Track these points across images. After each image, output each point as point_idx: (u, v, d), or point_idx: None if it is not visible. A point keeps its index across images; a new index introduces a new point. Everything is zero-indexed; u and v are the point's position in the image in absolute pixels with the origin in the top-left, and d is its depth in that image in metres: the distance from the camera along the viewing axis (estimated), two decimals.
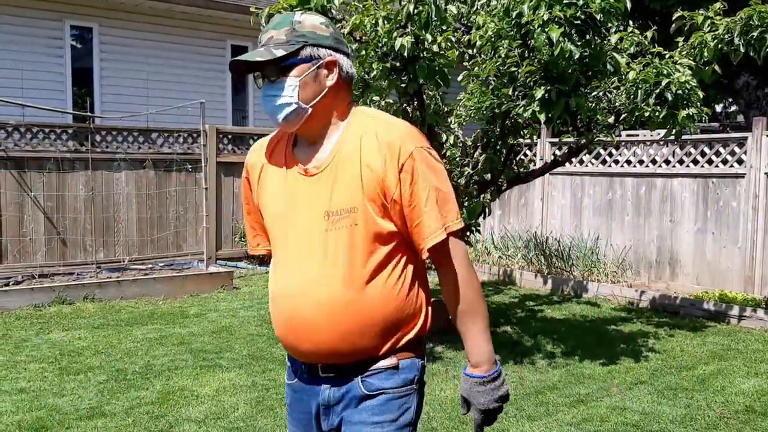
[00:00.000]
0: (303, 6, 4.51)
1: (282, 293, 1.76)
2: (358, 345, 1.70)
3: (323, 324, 1.69)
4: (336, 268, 1.67)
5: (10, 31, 9.12)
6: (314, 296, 1.69)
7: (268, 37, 1.71)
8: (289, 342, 1.77)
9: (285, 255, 1.77)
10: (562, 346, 5.69)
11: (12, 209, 7.58)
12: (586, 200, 8.60)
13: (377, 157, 1.68)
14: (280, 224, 1.78)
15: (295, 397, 1.86)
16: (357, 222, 1.67)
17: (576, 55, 4.24)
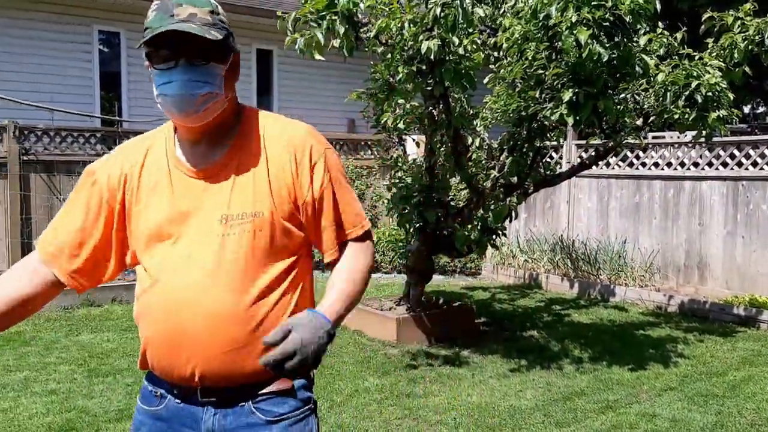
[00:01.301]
0: (329, 10, 4.52)
1: (163, 308, 1.55)
2: (250, 363, 1.53)
3: (214, 340, 1.51)
4: (231, 278, 1.52)
5: (40, 37, 9.26)
6: (205, 308, 1.51)
7: (190, 13, 1.49)
8: (169, 362, 1.56)
9: (165, 267, 1.56)
10: (590, 351, 5.63)
11: (41, 212, 7.69)
12: (612, 203, 8.51)
13: (286, 159, 1.57)
14: (160, 232, 1.57)
15: (158, 427, 1.62)
16: (262, 228, 1.54)
17: (605, 57, 4.20)
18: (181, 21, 1.46)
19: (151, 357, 1.60)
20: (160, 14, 1.48)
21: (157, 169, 1.61)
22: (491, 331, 6.29)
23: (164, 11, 1.49)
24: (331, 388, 4.64)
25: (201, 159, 1.59)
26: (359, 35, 4.92)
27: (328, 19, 4.56)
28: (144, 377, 1.69)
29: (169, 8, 1.49)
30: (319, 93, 11.68)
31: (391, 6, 4.75)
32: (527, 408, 4.36)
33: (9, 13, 9.03)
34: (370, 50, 5.10)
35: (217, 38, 1.49)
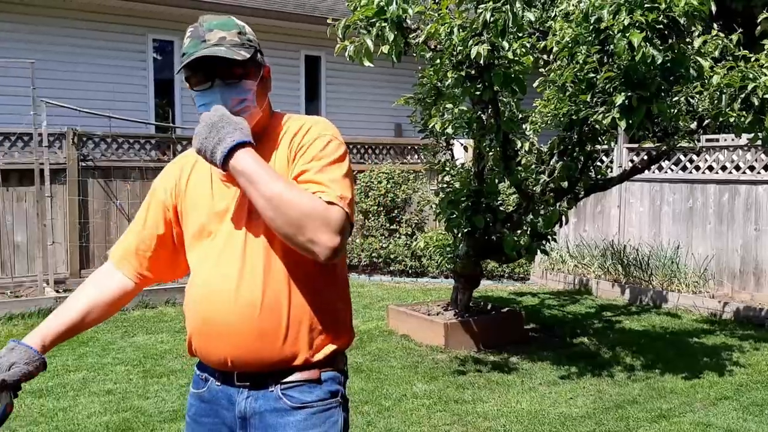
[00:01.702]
0: (379, 17, 4.55)
1: (200, 297, 1.68)
2: (275, 351, 1.62)
3: (242, 326, 1.62)
4: (255, 271, 1.62)
5: (98, 46, 9.54)
6: (232, 299, 1.62)
7: (220, 37, 1.62)
8: (205, 347, 1.69)
9: (204, 260, 1.70)
10: (642, 359, 5.53)
11: (99, 216, 7.92)
12: (665, 207, 8.34)
13: (287, 147, 1.67)
14: (202, 230, 1.71)
15: (203, 408, 1.74)
16: None
17: (658, 60, 4.13)
18: (212, 45, 1.60)
19: (193, 344, 1.73)
20: (194, 41, 1.62)
21: (202, 177, 1.75)
22: (540, 337, 6.23)
23: (197, 38, 1.63)
24: (380, 392, 4.66)
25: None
26: (408, 41, 4.95)
27: (377, 26, 4.60)
28: (195, 364, 1.83)
29: (200, 34, 1.63)
30: (366, 98, 11.75)
31: (440, 11, 4.77)
32: (578, 416, 4.31)
33: (68, 23, 9.33)
34: (419, 55, 5.12)
35: (245, 57, 1.61)
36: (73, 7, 9.27)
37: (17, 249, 7.51)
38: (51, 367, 5.13)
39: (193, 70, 1.62)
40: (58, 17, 9.23)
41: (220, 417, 1.71)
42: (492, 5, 4.36)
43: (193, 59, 1.59)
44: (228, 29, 1.63)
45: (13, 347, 1.62)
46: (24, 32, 9.03)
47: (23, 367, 1.59)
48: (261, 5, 10.36)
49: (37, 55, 8.62)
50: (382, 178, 9.43)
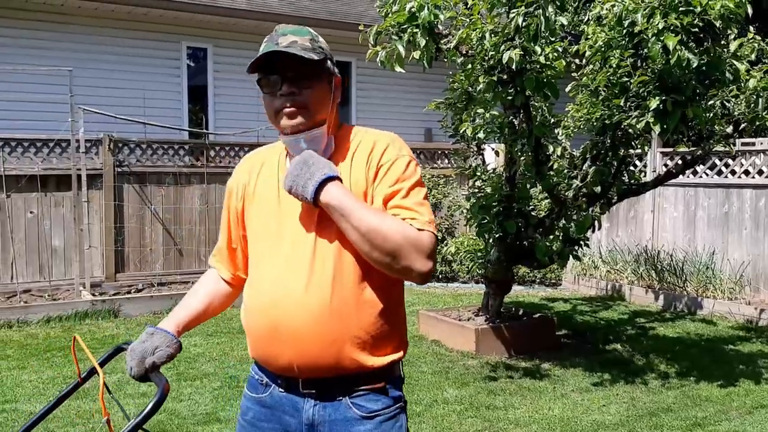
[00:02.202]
0: (411, 22, 4.57)
1: (265, 303, 1.69)
2: (341, 358, 1.64)
3: (310, 333, 1.63)
4: (323, 277, 1.64)
5: (134, 54, 9.70)
6: (300, 304, 1.64)
7: (291, 41, 1.65)
8: (270, 353, 1.70)
9: (268, 266, 1.72)
10: (677, 366, 5.46)
11: (134, 221, 8.05)
12: (700, 212, 8.22)
13: (364, 163, 1.68)
14: (265, 235, 1.74)
15: (264, 413, 1.76)
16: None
17: (694, 63, 4.09)
18: (284, 47, 1.64)
19: (255, 348, 1.75)
20: (267, 44, 1.67)
21: (269, 179, 1.78)
22: (573, 343, 6.17)
23: (271, 41, 1.67)
24: (410, 398, 4.66)
25: None
26: (439, 46, 4.96)
27: (409, 32, 4.62)
28: (251, 366, 1.84)
29: (274, 38, 1.67)
30: (396, 103, 11.77)
31: (471, 17, 4.77)
32: (611, 423, 4.27)
33: (105, 32, 9.51)
34: (450, 61, 5.12)
35: (313, 59, 1.64)
36: (109, 15, 9.45)
37: (55, 253, 7.66)
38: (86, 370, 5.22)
39: (264, 72, 1.67)
40: (94, 26, 9.41)
41: (282, 423, 1.73)
42: (524, 10, 4.35)
43: (259, 55, 1.63)
44: (301, 35, 1.68)
45: (153, 332, 1.73)
46: (62, 41, 9.23)
47: (166, 350, 1.70)
48: (292, 12, 10.44)
49: (75, 63, 8.80)
50: None
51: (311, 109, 1.67)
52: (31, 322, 6.60)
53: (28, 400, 4.57)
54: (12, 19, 8.94)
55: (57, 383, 4.91)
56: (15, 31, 8.96)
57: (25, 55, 8.90)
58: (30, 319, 6.62)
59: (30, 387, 4.84)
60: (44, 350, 5.74)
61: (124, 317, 6.95)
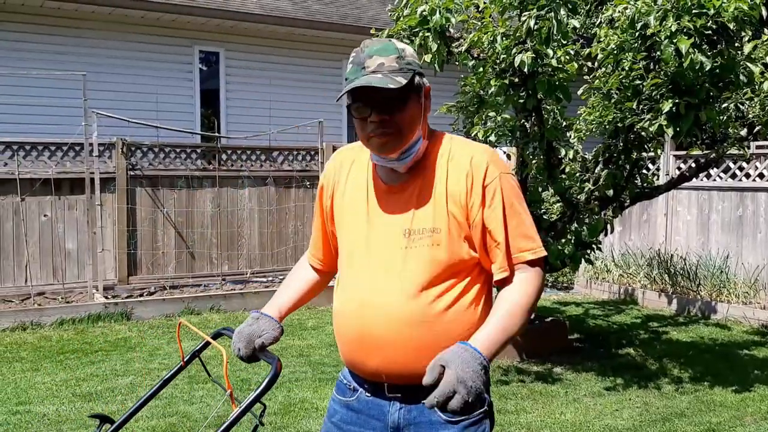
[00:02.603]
0: (422, 26, 4.57)
1: (354, 308, 1.73)
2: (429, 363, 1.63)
3: (397, 340, 1.66)
4: (413, 286, 1.66)
5: (146, 58, 9.76)
6: (390, 312, 1.67)
7: (378, 63, 1.63)
8: (358, 358, 1.74)
9: (357, 270, 1.75)
10: (690, 371, 5.41)
11: (146, 224, 8.09)
12: (713, 216, 8.16)
13: (463, 179, 1.68)
14: (355, 239, 1.77)
15: (351, 417, 1.80)
16: (440, 242, 1.67)
17: (707, 66, 4.06)
18: (370, 73, 1.62)
19: (343, 352, 1.79)
20: (354, 67, 1.66)
21: (359, 182, 1.81)
22: (585, 347, 6.14)
23: (357, 64, 1.65)
24: None
25: (393, 177, 1.76)
26: (450, 50, 4.95)
27: (420, 36, 4.62)
28: (341, 371, 1.90)
29: (361, 60, 1.65)
30: None
31: (483, 20, 4.76)
32: (624, 428, 4.24)
33: (118, 36, 9.58)
34: (461, 64, 5.12)
35: (400, 84, 1.61)
36: (123, 20, 9.51)
37: (68, 256, 7.71)
38: (100, 372, 5.25)
39: (352, 98, 1.66)
40: (108, 30, 9.48)
41: (369, 427, 1.77)
42: (536, 13, 4.33)
43: (346, 90, 1.63)
44: (387, 54, 1.64)
45: (258, 317, 1.86)
46: (76, 45, 9.30)
47: (271, 333, 1.82)
48: (305, 16, 10.47)
49: (89, 67, 8.86)
50: None
51: (403, 132, 1.67)
52: (44, 324, 6.64)
53: (41, 402, 4.60)
54: (27, 24, 9.02)
55: (70, 385, 4.94)
56: (29, 35, 9.04)
57: (40, 59, 8.98)
58: (44, 321, 6.66)
59: (43, 389, 4.87)
60: (57, 352, 5.78)
61: (137, 320, 6.98)
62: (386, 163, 1.72)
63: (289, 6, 10.65)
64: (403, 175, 1.74)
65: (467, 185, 1.68)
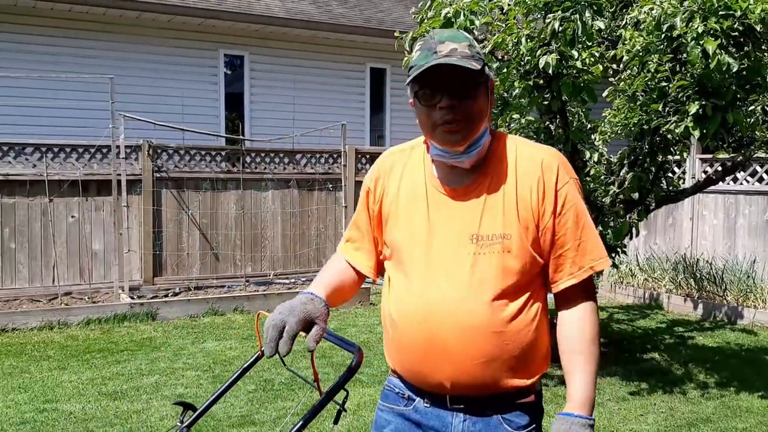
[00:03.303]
0: (446, 28, 4.57)
1: (418, 317, 1.63)
2: (498, 376, 1.61)
3: (468, 349, 1.59)
4: (483, 294, 1.59)
5: (172, 62, 9.88)
6: (459, 320, 1.59)
7: (451, 48, 1.55)
8: (423, 368, 1.65)
9: (419, 277, 1.65)
10: (716, 376, 5.35)
11: (171, 225, 8.17)
12: (740, 220, 8.05)
13: (534, 184, 1.62)
14: (414, 244, 1.67)
15: (406, 427, 1.72)
16: (510, 249, 1.60)
17: (734, 67, 4.01)
18: (443, 56, 1.54)
19: (402, 361, 1.70)
20: (424, 53, 1.58)
21: (414, 184, 1.71)
22: (609, 352, 6.09)
23: (428, 49, 1.58)
24: None
25: (456, 179, 1.67)
26: None
27: None
28: (388, 378, 1.81)
29: (432, 46, 1.58)
30: None
31: (507, 22, 4.75)
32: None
33: (145, 40, 9.70)
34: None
35: (476, 68, 1.55)
36: (150, 24, 9.64)
37: (95, 256, 7.82)
38: (126, 371, 5.31)
39: (421, 84, 1.59)
40: (134, 34, 9.61)
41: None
42: (560, 15, 4.32)
43: (424, 69, 1.54)
44: (459, 41, 1.58)
45: (312, 299, 1.65)
46: (104, 49, 9.43)
47: (322, 320, 1.64)
48: (328, 20, 10.53)
49: (116, 70, 8.98)
50: None
51: (473, 121, 1.60)
52: (71, 324, 6.74)
53: (68, 400, 4.67)
54: (56, 28, 9.17)
55: (96, 384, 5.00)
56: (58, 39, 9.19)
57: (69, 63, 9.13)
58: (70, 321, 6.76)
59: (70, 387, 4.94)
60: (84, 351, 5.86)
61: (162, 320, 7.05)
62: (450, 158, 1.64)
63: (313, 9, 10.71)
64: (467, 177, 1.66)
65: (539, 190, 1.62)
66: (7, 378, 5.13)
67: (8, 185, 7.40)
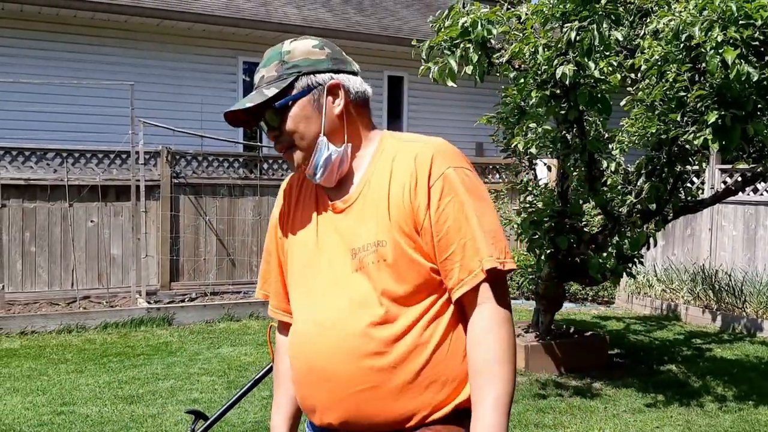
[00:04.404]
0: (463, 38, 4.58)
1: (301, 345, 1.50)
2: (385, 406, 1.41)
3: (348, 379, 1.42)
4: (361, 313, 1.42)
5: (191, 69, 9.97)
6: (335, 346, 1.43)
7: (260, 77, 1.50)
8: (310, 402, 1.50)
9: (305, 301, 1.53)
10: (735, 390, 5.28)
11: (189, 231, 8.23)
12: (761, 231, 7.96)
13: (407, 181, 1.44)
14: (304, 268, 1.54)
15: None
16: (386, 257, 1.42)
17: (754, 77, 3.98)
18: (254, 89, 1.51)
19: (297, 395, 1.57)
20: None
21: (308, 203, 1.59)
22: (625, 363, 6.04)
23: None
24: None
25: (337, 192, 1.54)
26: (492, 61, 4.95)
27: (462, 47, 4.62)
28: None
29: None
30: (447, 117, 11.78)
31: (524, 31, 4.75)
32: None
33: (164, 47, 9.80)
34: (502, 75, 5.11)
35: (264, 98, 1.46)
36: (170, 32, 9.74)
37: (113, 261, 7.89)
38: (142, 375, 5.35)
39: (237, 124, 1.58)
40: (155, 41, 9.72)
41: None
42: (577, 25, 4.31)
43: (227, 115, 1.54)
44: (268, 64, 1.51)
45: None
46: (125, 56, 9.54)
47: None
48: (345, 27, 10.58)
49: (136, 77, 9.08)
50: None
51: (297, 144, 1.49)
52: (89, 327, 6.80)
53: (84, 403, 4.71)
54: (77, 35, 9.30)
55: (112, 387, 5.04)
56: (81, 46, 9.31)
57: (90, 69, 9.24)
58: (88, 324, 6.82)
59: (87, 390, 4.98)
60: (101, 355, 5.91)
61: (178, 325, 7.10)
62: (313, 180, 1.53)
63: (330, 17, 10.77)
64: (345, 188, 1.52)
65: (411, 186, 1.43)
66: (26, 380, 5.19)
67: (30, 190, 7.50)
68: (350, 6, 11.87)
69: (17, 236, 7.45)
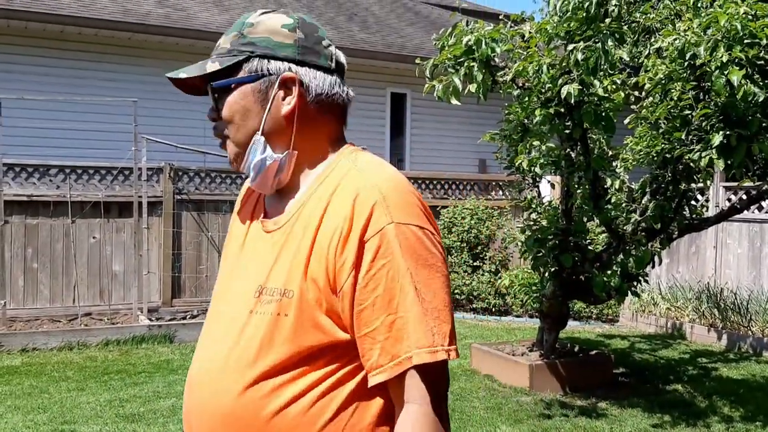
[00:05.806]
0: (468, 56, 4.58)
1: (186, 391, 1.28)
2: None
3: (213, 422, 1.20)
4: (244, 370, 1.17)
5: None
6: (207, 405, 1.21)
7: (216, 45, 1.29)
8: None
9: (203, 338, 1.30)
10: (741, 410, 5.22)
11: (191, 248, 8.20)
12: (766, 249, 7.92)
13: (339, 225, 1.15)
14: (217, 294, 1.34)
15: None
16: (287, 311, 1.16)
17: (760, 97, 3.97)
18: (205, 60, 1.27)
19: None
20: None
21: (245, 216, 1.36)
22: (630, 382, 5.98)
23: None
24: None
25: (278, 203, 1.29)
26: (495, 79, 4.95)
27: (466, 65, 4.62)
28: None
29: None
30: (450, 134, 11.79)
31: (528, 49, 4.75)
32: None
33: (167, 64, 9.82)
34: (505, 93, 5.11)
35: (202, 72, 1.25)
36: (173, 48, 9.78)
37: (115, 278, 7.86)
38: (143, 394, 5.31)
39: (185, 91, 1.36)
40: (157, 58, 9.76)
41: None
42: (583, 44, 4.31)
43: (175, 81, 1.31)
44: (229, 33, 1.27)
45: None
46: (128, 72, 9.59)
47: None
48: (351, 45, 10.61)
49: (140, 93, 9.10)
50: (466, 214, 9.39)
51: (231, 135, 1.26)
52: (90, 344, 6.76)
53: (86, 421, 4.66)
54: (81, 51, 9.34)
55: (114, 406, 4.99)
56: (84, 63, 9.35)
57: (94, 86, 9.28)
58: (90, 341, 6.78)
59: (88, 409, 4.93)
60: (102, 373, 5.86)
61: (179, 342, 7.05)
62: (249, 183, 1.31)
63: (334, 35, 10.81)
64: (281, 208, 1.27)
65: (341, 233, 1.14)
66: (27, 398, 5.15)
67: (32, 206, 7.49)
68: (354, 24, 11.93)
69: (19, 252, 7.43)
